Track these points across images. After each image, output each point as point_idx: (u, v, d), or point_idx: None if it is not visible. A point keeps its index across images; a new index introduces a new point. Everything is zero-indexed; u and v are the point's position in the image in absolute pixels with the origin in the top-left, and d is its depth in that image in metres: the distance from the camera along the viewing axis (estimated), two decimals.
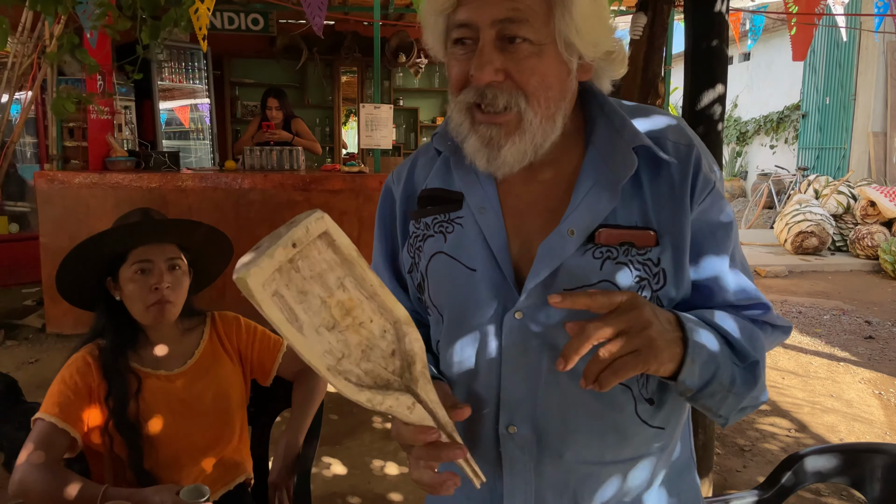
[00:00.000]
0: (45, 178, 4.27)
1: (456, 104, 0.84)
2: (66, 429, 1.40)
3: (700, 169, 0.84)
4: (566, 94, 0.85)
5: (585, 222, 0.83)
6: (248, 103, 7.74)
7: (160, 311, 1.49)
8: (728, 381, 0.78)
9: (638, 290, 0.82)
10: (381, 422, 3.28)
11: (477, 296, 0.87)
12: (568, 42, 0.80)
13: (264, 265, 0.64)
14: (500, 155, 0.83)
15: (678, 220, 0.83)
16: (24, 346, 4.33)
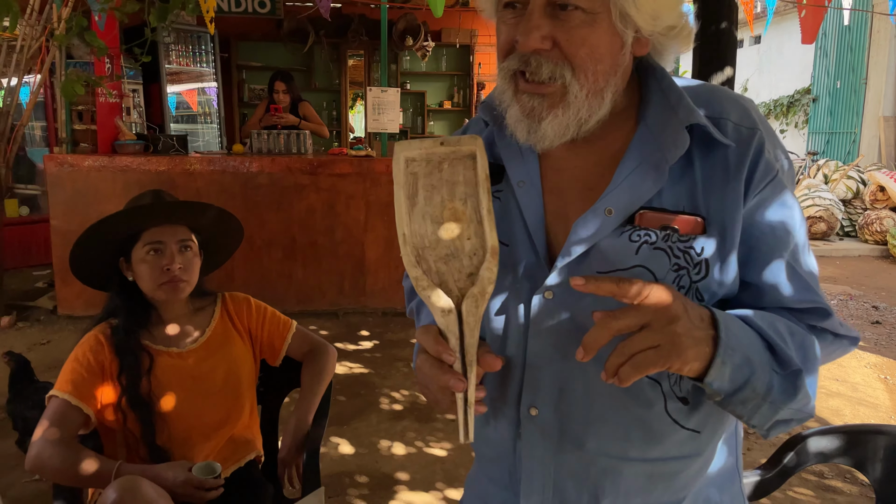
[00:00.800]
0: (54, 162, 4.30)
1: (500, 70, 0.81)
2: (80, 406, 1.44)
3: (762, 155, 0.77)
4: (617, 69, 0.79)
5: (625, 202, 0.78)
6: (256, 87, 7.73)
7: (173, 288, 1.52)
8: (763, 389, 0.72)
9: (675, 279, 0.77)
10: (388, 403, 3.32)
11: (509, 271, 0.84)
12: (624, 13, 0.75)
13: (413, 144, 0.76)
14: (541, 127, 0.79)
15: (729, 209, 0.77)
16: (36, 328, 4.38)
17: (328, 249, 4.65)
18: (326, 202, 4.58)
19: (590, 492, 0.83)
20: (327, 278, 4.69)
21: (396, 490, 2.54)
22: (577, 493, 0.83)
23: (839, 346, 0.83)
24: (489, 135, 0.90)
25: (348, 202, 4.60)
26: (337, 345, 4.06)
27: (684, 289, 0.77)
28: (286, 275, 4.67)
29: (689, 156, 0.79)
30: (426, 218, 0.76)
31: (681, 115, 0.79)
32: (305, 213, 4.58)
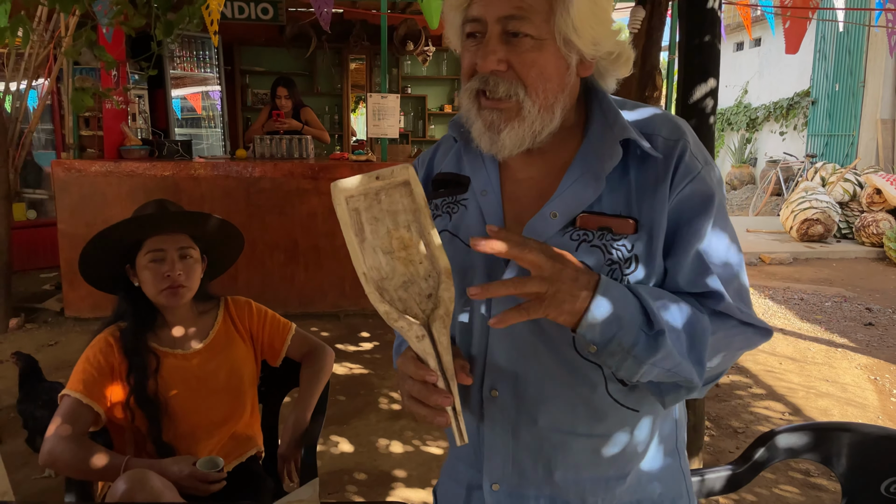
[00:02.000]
0: (62, 167, 4.40)
1: (464, 91, 0.93)
2: (91, 404, 1.52)
3: (682, 159, 0.89)
4: (565, 88, 0.91)
5: (568, 207, 0.90)
6: (259, 91, 7.83)
7: (173, 293, 1.60)
8: (628, 345, 0.81)
9: (609, 272, 0.88)
10: (387, 403, 3.41)
11: (472, 269, 0.95)
12: (566, 39, 0.87)
13: (351, 182, 0.80)
14: (500, 138, 0.90)
15: (657, 210, 0.88)
16: (44, 329, 4.48)
17: (329, 252, 4.74)
18: (328, 206, 4.66)
19: (544, 464, 0.94)
20: (328, 281, 4.77)
21: (394, 487, 2.62)
22: (532, 466, 0.94)
23: (744, 334, 0.91)
24: (458, 150, 1.03)
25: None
26: (337, 346, 4.15)
27: (617, 280, 0.87)
28: (288, 277, 4.76)
29: (625, 166, 0.91)
30: (377, 251, 0.82)
31: (615, 132, 0.91)
32: (307, 216, 4.67)
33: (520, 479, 0.95)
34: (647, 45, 2.86)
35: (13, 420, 2.97)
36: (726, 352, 0.91)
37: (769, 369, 3.97)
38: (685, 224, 0.89)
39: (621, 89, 2.97)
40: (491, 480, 0.96)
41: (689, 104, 2.22)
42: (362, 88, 8.48)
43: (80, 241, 4.78)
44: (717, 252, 0.90)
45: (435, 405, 0.84)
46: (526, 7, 0.86)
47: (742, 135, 13.76)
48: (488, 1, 0.88)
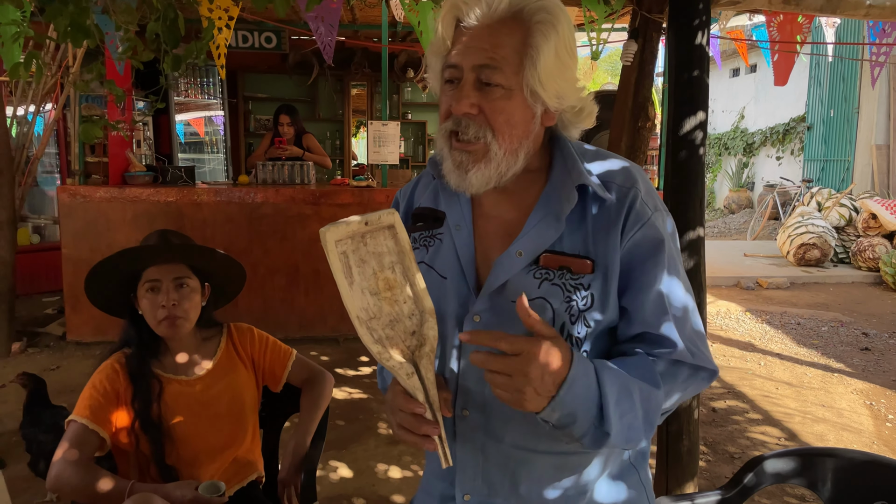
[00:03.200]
0: (67, 193, 4.47)
1: (439, 131, 1.03)
2: (97, 430, 1.56)
3: (633, 206, 0.98)
4: (529, 135, 1.00)
5: (533, 246, 0.99)
6: (261, 117, 7.95)
7: (170, 325, 1.64)
8: (579, 435, 0.90)
9: (567, 308, 0.97)
10: (385, 428, 3.43)
11: (446, 299, 1.04)
12: (533, 90, 0.96)
13: (340, 228, 0.86)
14: (468, 177, 0.99)
15: (611, 252, 0.97)
16: (46, 354, 4.51)
17: (329, 277, 4.67)
18: None
19: (510, 478, 1.02)
20: (328, 305, 4.82)
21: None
22: (500, 480, 1.03)
23: (696, 380, 0.99)
24: (436, 186, 1.13)
25: None
26: (337, 370, 4.18)
27: (574, 317, 0.97)
28: (289, 301, 4.81)
29: (584, 209, 1.00)
30: (365, 292, 0.89)
31: (573, 177, 1.01)
32: (308, 241, 4.73)
33: (489, 490, 1.04)
34: (639, 77, 2.94)
35: (16, 444, 3.00)
36: (678, 399, 0.99)
37: (766, 394, 4.00)
38: (637, 267, 0.98)
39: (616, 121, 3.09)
40: (462, 492, 1.05)
41: (678, 136, 2.29)
42: (363, 113, 8.61)
43: (84, 265, 4.81)
44: (671, 296, 0.98)
45: (424, 434, 0.93)
46: (499, 59, 0.94)
47: (739, 159, 13.88)
48: (466, 50, 0.96)
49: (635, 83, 2.88)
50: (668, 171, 2.35)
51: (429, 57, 1.04)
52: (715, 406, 3.80)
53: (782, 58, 3.63)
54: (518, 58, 0.95)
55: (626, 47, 2.85)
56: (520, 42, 0.95)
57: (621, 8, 2.60)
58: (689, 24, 2.25)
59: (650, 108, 2.87)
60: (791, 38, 3.43)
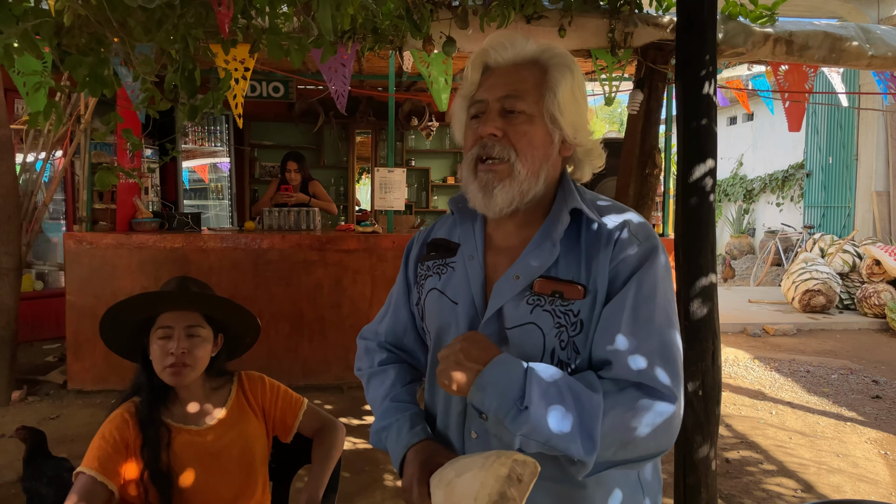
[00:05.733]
0: (73, 239, 4.48)
1: (466, 160, 1.12)
2: (105, 482, 1.52)
3: (622, 233, 1.05)
4: (549, 158, 1.10)
5: (529, 269, 1.06)
6: (267, 164, 8.04)
7: (175, 372, 1.61)
8: (502, 415, 0.95)
9: (557, 334, 1.03)
10: (392, 479, 3.35)
11: (456, 323, 1.12)
12: (553, 117, 1.07)
13: None
14: (494, 195, 1.07)
15: (600, 275, 1.03)
16: (46, 402, 4.44)
17: (334, 324, 4.76)
18: (334, 277, 4.73)
19: None
20: (333, 352, 4.77)
21: None
22: None
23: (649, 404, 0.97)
24: (453, 221, 1.23)
25: (355, 277, 4.74)
26: (341, 419, 4.10)
27: (564, 342, 1.04)
28: (293, 349, 4.76)
29: (577, 234, 1.08)
30: None
31: (568, 202, 1.10)
32: (313, 287, 4.72)
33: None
34: (645, 125, 2.98)
35: (14, 496, 2.93)
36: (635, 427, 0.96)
37: (779, 444, 3.92)
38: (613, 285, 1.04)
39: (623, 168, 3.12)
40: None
41: (689, 184, 2.31)
42: (367, 160, 8.70)
43: (89, 312, 4.77)
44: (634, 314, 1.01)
45: None
46: (521, 89, 1.07)
47: (739, 205, 13.97)
48: (491, 87, 1.09)
49: (642, 131, 2.92)
50: (679, 219, 2.36)
51: (456, 103, 1.15)
52: (728, 457, 3.72)
53: (793, 105, 3.69)
54: (539, 90, 1.07)
55: (632, 97, 2.90)
56: (539, 77, 1.07)
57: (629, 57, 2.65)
58: (697, 75, 2.29)
59: (657, 155, 2.89)
60: (799, 86, 3.49)
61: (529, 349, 1.05)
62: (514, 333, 1.07)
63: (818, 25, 3.12)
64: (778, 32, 3.04)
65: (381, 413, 1.21)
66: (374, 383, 1.27)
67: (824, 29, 3.05)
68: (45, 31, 2.15)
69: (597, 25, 2.99)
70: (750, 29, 2.97)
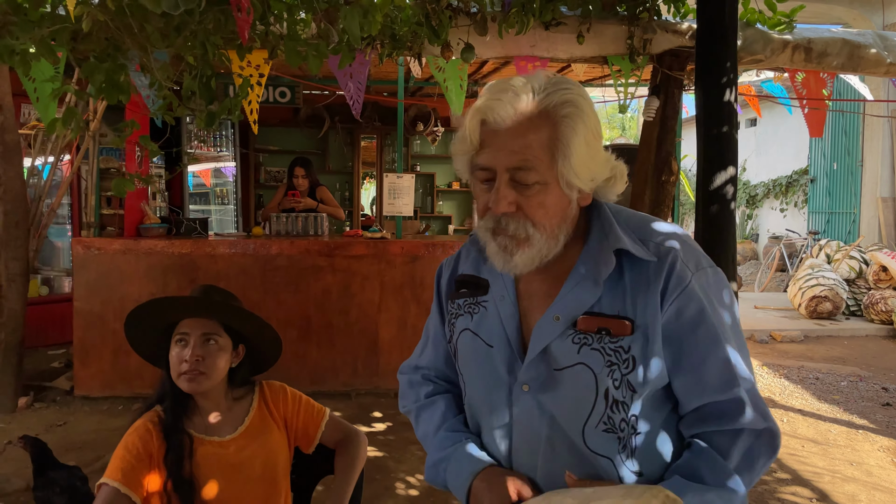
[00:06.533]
0: (81, 245, 4.46)
1: (480, 227, 1.06)
2: (129, 494, 1.50)
3: (674, 269, 0.98)
4: (567, 219, 1.04)
5: (570, 310, 1.01)
6: (272, 169, 8.03)
7: (189, 379, 1.59)
8: None
9: (609, 373, 0.98)
10: (404, 488, 3.32)
11: (493, 368, 1.07)
12: (568, 182, 0.99)
13: None
14: (513, 259, 1.02)
15: (650, 312, 0.97)
16: (52, 409, 4.41)
17: (342, 330, 4.73)
18: (342, 283, 4.71)
19: None
20: (341, 358, 4.75)
21: None
22: None
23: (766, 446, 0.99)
24: (477, 256, 1.17)
25: (363, 283, 4.72)
26: None
27: (617, 381, 0.98)
28: (301, 355, 4.74)
29: (620, 269, 1.02)
30: None
31: (610, 241, 1.02)
32: (321, 293, 4.70)
33: None
34: (661, 132, 2.97)
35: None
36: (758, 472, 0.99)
37: (792, 452, 3.89)
38: (687, 339, 0.98)
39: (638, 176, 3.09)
40: None
41: (710, 191, 2.29)
42: (372, 166, 8.69)
43: (96, 318, 4.74)
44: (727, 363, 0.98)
45: None
46: (531, 159, 0.97)
47: (743, 211, 13.96)
48: (496, 153, 0.98)
49: (657, 138, 2.90)
50: (700, 226, 2.34)
51: (456, 154, 1.06)
52: None
53: (814, 111, 3.68)
54: (549, 153, 0.97)
55: (648, 104, 2.89)
56: (547, 138, 0.97)
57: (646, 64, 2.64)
58: (717, 83, 2.28)
59: (673, 162, 2.88)
60: (817, 92, 3.48)
61: (582, 391, 1.01)
62: (563, 375, 1.02)
63: (836, 32, 3.11)
64: (797, 39, 3.03)
65: (436, 444, 1.16)
66: (423, 417, 1.23)
67: (843, 36, 3.04)
68: (61, 37, 2.13)
69: (615, 32, 2.99)
70: (769, 36, 2.96)
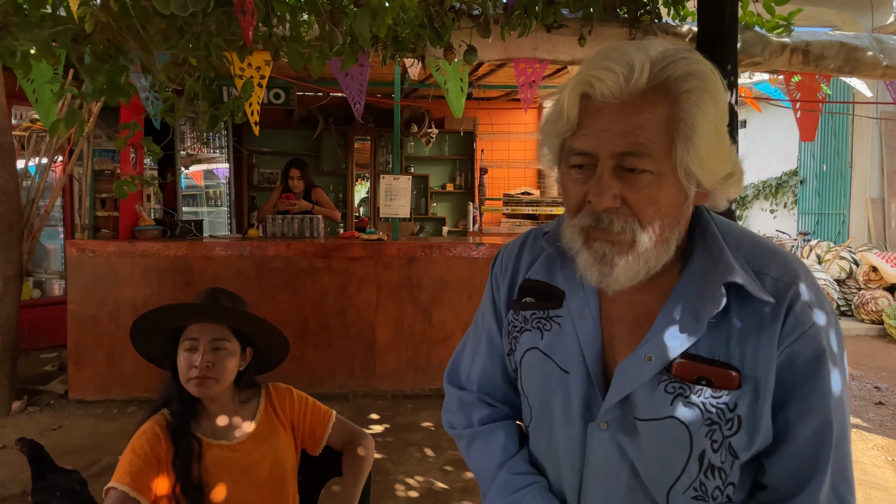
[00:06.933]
0: (76, 247, 4.42)
1: (570, 226, 0.86)
2: (138, 497, 1.49)
3: (793, 308, 0.81)
4: (681, 219, 0.85)
5: (664, 350, 0.83)
6: (265, 171, 8.00)
7: (198, 384, 1.59)
8: None
9: (708, 433, 0.81)
10: (403, 490, 3.32)
11: (568, 398, 0.90)
12: (688, 172, 0.80)
13: None
14: (613, 272, 0.83)
15: (762, 362, 0.80)
16: (46, 413, 4.37)
17: (339, 331, 4.72)
18: (339, 285, 4.70)
19: None
20: (338, 360, 4.74)
21: None
22: None
23: None
24: (550, 259, 0.98)
25: (360, 285, 4.72)
26: None
27: (717, 443, 0.82)
28: (297, 357, 4.72)
29: (726, 304, 0.83)
30: None
31: (720, 271, 0.83)
32: (318, 295, 4.68)
33: None
34: None
35: None
36: None
37: None
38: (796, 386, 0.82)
39: None
40: None
41: None
42: (366, 167, 8.68)
43: (90, 321, 4.71)
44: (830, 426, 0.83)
45: None
46: (645, 142, 0.79)
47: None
48: (601, 135, 0.80)
49: None
50: None
51: (545, 136, 0.88)
52: None
53: (806, 114, 3.72)
54: (667, 136, 0.79)
55: None
56: (666, 117, 0.79)
57: None
58: None
59: None
60: (812, 95, 3.52)
61: (670, 449, 0.84)
62: (648, 428, 0.85)
63: (834, 35, 3.15)
64: (795, 42, 3.06)
65: (499, 488, 0.99)
66: (478, 446, 1.05)
67: (840, 39, 3.08)
68: (62, 38, 2.12)
69: (616, 35, 3.00)
70: (767, 39, 2.99)
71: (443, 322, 4.76)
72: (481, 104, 7.62)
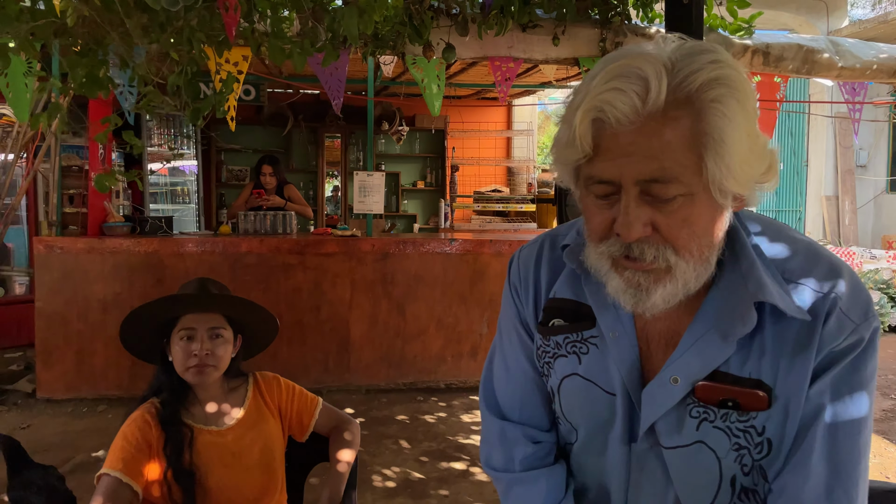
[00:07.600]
0: (43, 244, 4.36)
1: (597, 254, 0.79)
2: (130, 483, 1.52)
3: (829, 318, 0.75)
4: (720, 234, 0.77)
5: (691, 370, 0.79)
6: (234, 168, 7.94)
7: (198, 371, 1.63)
8: None
9: (737, 458, 0.78)
10: (380, 480, 3.37)
11: (616, 420, 0.85)
12: (722, 188, 0.73)
13: None
14: (649, 298, 0.77)
15: (793, 382, 0.76)
16: (14, 412, 4.30)
17: (313, 327, 4.74)
18: (313, 281, 4.72)
19: None
20: (312, 356, 4.76)
21: None
22: None
23: None
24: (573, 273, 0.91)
25: (334, 281, 4.74)
26: None
27: (747, 467, 0.78)
28: (271, 353, 4.67)
29: (758, 322, 0.77)
30: None
31: (750, 288, 0.77)
32: (292, 291, 4.70)
33: None
34: None
35: None
36: None
37: None
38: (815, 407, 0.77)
39: None
40: None
41: None
42: (336, 165, 8.68)
43: (59, 319, 4.66)
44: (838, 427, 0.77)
45: None
46: (670, 166, 0.71)
47: None
48: (621, 162, 0.72)
49: None
50: None
51: (557, 158, 0.79)
52: None
53: (765, 113, 3.89)
54: (694, 154, 0.70)
55: None
56: (691, 132, 0.70)
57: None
58: None
59: None
60: (770, 96, 3.68)
61: (699, 476, 0.81)
62: (673, 456, 0.82)
63: (792, 38, 3.31)
64: (755, 44, 3.21)
65: None
66: (517, 493, 0.96)
67: (798, 41, 3.24)
68: (41, 31, 2.12)
69: (588, 35, 3.11)
70: (730, 41, 3.13)
71: (417, 317, 4.81)
72: (452, 102, 7.70)
